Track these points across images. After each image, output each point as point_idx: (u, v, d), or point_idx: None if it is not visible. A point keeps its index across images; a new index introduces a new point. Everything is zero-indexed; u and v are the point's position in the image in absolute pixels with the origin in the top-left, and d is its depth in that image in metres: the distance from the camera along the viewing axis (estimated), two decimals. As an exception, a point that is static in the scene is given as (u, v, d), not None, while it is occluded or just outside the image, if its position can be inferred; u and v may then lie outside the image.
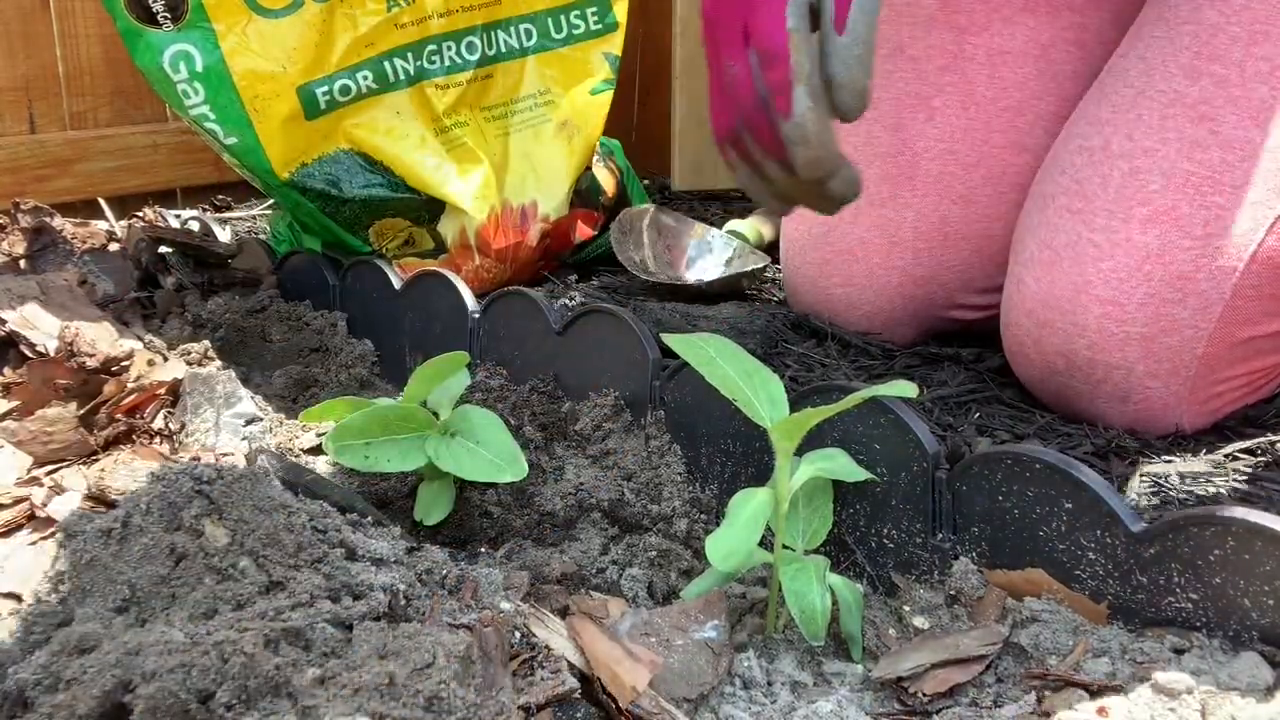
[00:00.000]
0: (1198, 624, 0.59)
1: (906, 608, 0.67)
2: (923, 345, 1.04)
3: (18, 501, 0.77)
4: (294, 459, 0.85)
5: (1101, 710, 0.54)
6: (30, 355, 0.97)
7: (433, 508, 0.78)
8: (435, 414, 0.79)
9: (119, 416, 0.90)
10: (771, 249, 1.32)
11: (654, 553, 0.74)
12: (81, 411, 0.89)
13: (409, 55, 1.16)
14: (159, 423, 0.91)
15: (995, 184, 0.98)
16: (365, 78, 1.13)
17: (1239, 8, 0.80)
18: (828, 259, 1.03)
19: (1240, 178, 0.78)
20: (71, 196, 1.51)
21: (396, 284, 1.07)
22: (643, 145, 1.99)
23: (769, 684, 0.61)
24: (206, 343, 1.04)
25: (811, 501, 0.71)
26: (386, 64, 1.14)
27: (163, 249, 1.28)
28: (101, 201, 1.51)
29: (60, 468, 0.84)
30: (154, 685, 0.45)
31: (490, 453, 0.76)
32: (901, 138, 0.99)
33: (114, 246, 1.32)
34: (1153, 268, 0.79)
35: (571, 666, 0.57)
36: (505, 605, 0.60)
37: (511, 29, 1.22)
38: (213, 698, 0.45)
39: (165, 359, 1.00)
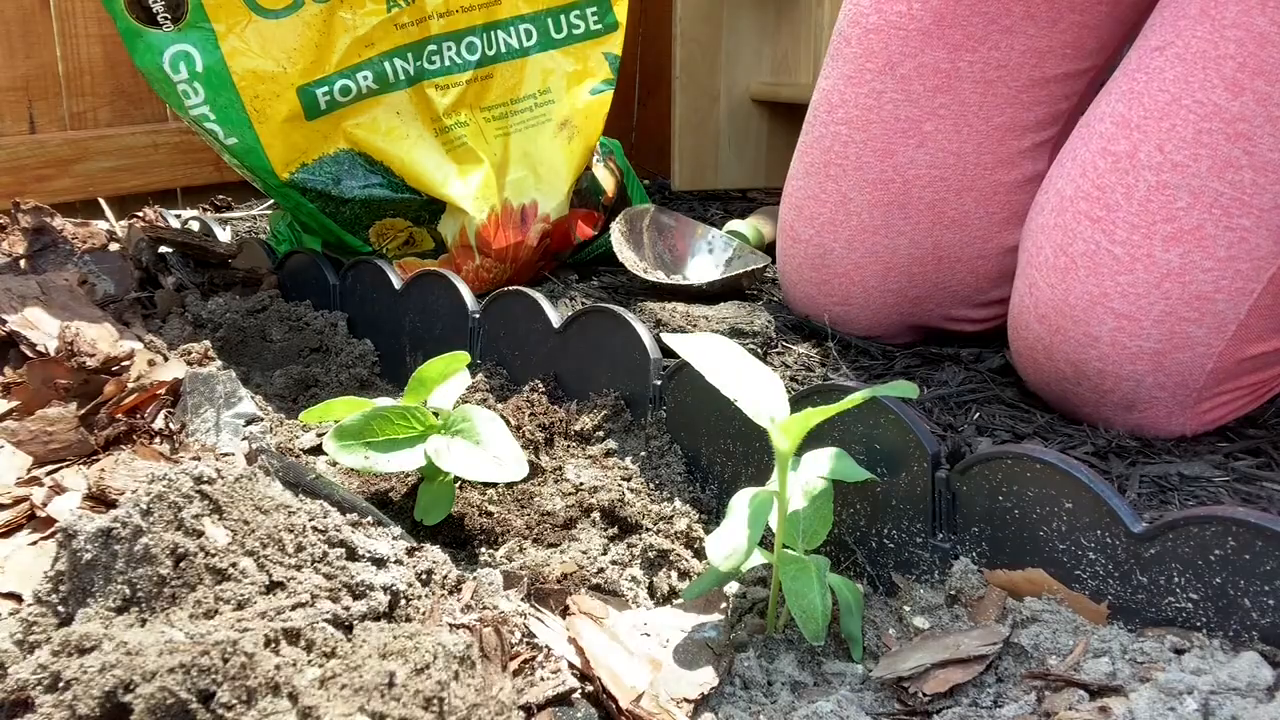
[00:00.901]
0: (1198, 624, 0.58)
1: (907, 608, 0.67)
2: (922, 345, 1.05)
3: (18, 501, 0.77)
4: (294, 459, 0.85)
5: (1102, 710, 0.54)
6: (30, 355, 0.97)
7: (433, 508, 0.78)
8: (435, 414, 0.79)
9: (119, 416, 0.90)
10: (771, 249, 1.32)
11: (654, 553, 0.73)
12: (82, 411, 0.89)
13: (409, 55, 1.16)
14: (159, 423, 0.91)
15: (986, 205, 0.97)
16: (365, 78, 1.13)
17: None
18: (825, 279, 1.03)
19: (1269, 201, 0.76)
20: (71, 196, 1.51)
21: (396, 284, 1.07)
22: (643, 145, 1.99)
23: (769, 684, 0.61)
24: (206, 343, 1.04)
25: (812, 501, 0.71)
26: (386, 64, 1.14)
27: (163, 249, 1.28)
28: (101, 201, 1.51)
29: (60, 468, 0.84)
30: (154, 685, 0.45)
31: (490, 452, 0.76)
32: (892, 164, 0.97)
33: (114, 246, 1.32)
34: (1171, 286, 0.78)
35: (571, 666, 0.57)
36: (505, 605, 0.60)
37: (511, 29, 1.22)
38: (213, 698, 0.45)
39: (165, 359, 1.00)
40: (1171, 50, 0.80)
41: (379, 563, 0.58)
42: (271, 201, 1.60)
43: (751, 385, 0.65)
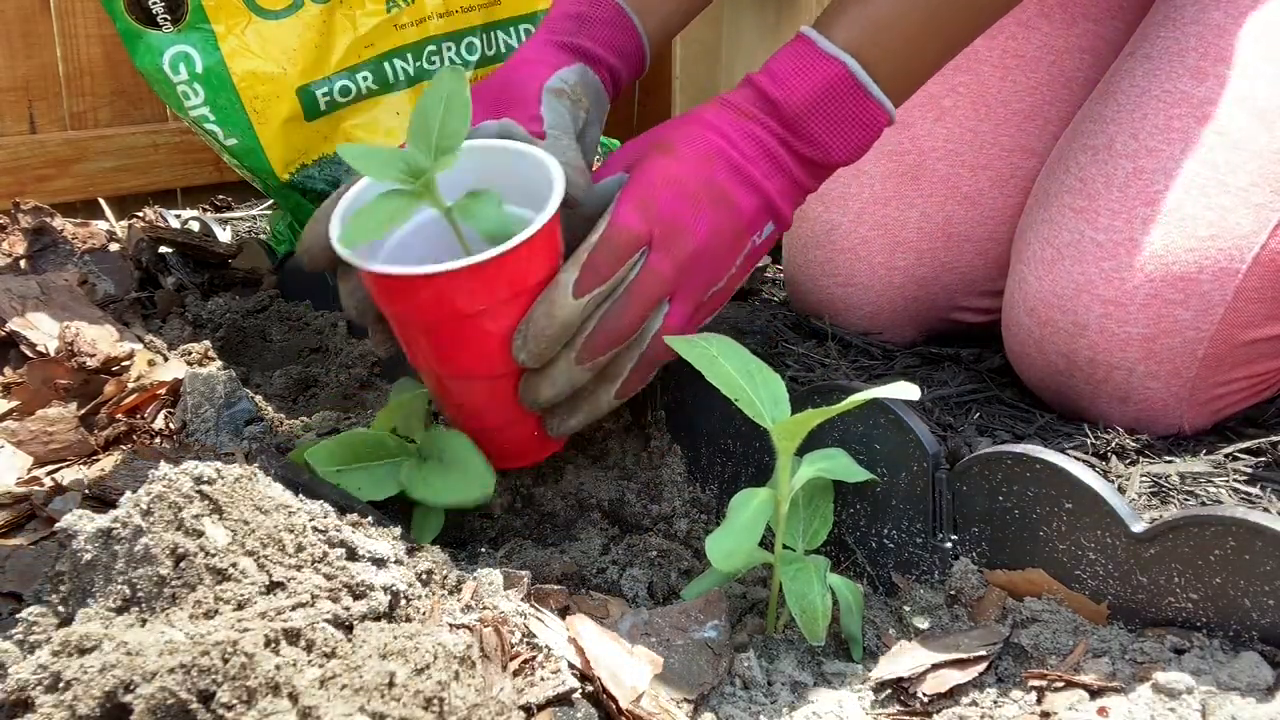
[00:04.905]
0: (1198, 624, 0.59)
1: (906, 608, 0.67)
2: (923, 345, 1.04)
3: (18, 501, 0.77)
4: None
5: (1101, 710, 0.54)
6: (30, 355, 0.97)
7: (425, 528, 0.77)
8: (411, 439, 0.77)
9: (119, 416, 0.90)
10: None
11: (654, 553, 0.73)
12: (82, 411, 0.89)
13: (409, 56, 1.16)
14: (159, 423, 0.91)
15: (1002, 186, 0.98)
16: (365, 79, 1.13)
17: (1245, 8, 0.79)
18: (831, 257, 1.03)
19: (1245, 179, 0.78)
20: (71, 196, 1.51)
21: (396, 284, 1.07)
22: (643, 145, 1.99)
23: (769, 684, 0.61)
24: (206, 343, 1.04)
25: (812, 502, 0.71)
26: (386, 65, 1.14)
27: (163, 249, 1.28)
28: (101, 201, 1.51)
29: (60, 468, 0.84)
30: (154, 685, 0.45)
31: (456, 476, 0.74)
32: (909, 135, 0.98)
33: (114, 246, 1.31)
34: (1155, 268, 0.79)
35: (571, 666, 0.57)
36: (505, 605, 0.60)
37: (511, 29, 1.22)
38: (213, 698, 0.45)
39: (165, 359, 1.00)
40: (1140, 53, 0.85)
41: (379, 563, 0.58)
42: (271, 201, 1.60)
43: (753, 384, 0.65)
